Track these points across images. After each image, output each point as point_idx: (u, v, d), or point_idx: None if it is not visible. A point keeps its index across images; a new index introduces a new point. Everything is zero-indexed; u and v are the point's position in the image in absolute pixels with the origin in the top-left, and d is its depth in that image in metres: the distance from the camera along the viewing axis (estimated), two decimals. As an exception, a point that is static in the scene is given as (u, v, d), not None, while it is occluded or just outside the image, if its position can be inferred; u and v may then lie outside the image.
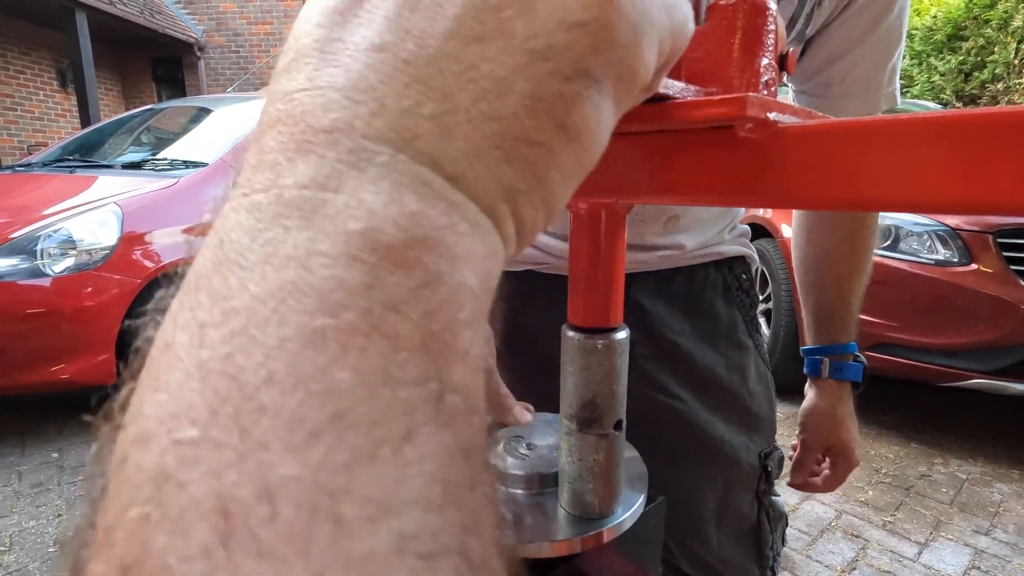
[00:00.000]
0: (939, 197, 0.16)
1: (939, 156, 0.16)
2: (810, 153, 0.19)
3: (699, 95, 0.22)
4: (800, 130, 0.19)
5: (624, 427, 0.33)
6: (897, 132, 0.17)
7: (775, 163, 0.20)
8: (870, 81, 0.58)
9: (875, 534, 1.61)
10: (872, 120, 0.18)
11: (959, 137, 0.16)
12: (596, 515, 0.32)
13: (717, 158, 0.21)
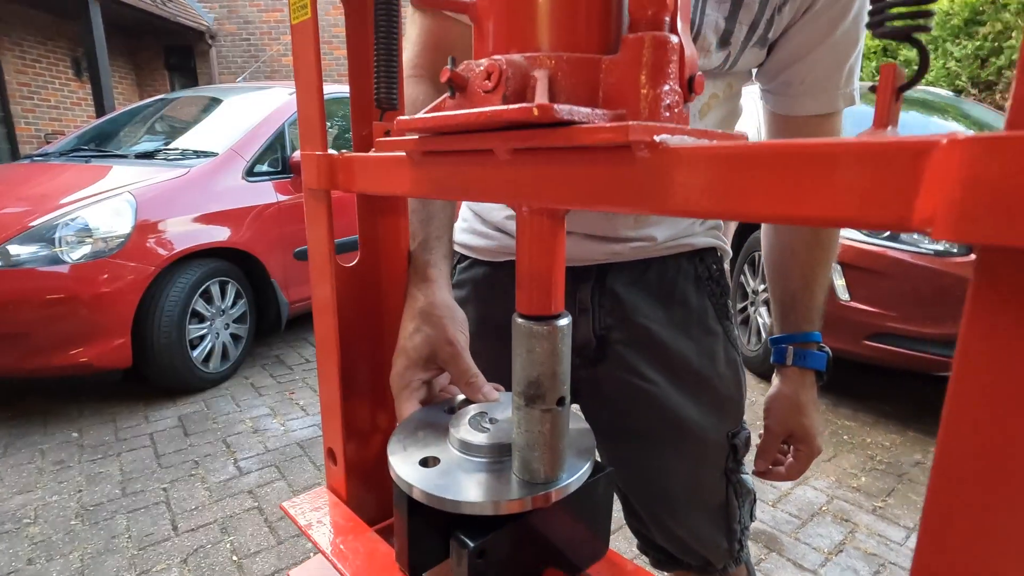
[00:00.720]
0: (772, 211, 0.20)
1: (769, 178, 0.20)
2: (687, 169, 0.23)
3: (604, 118, 0.26)
4: (680, 151, 0.23)
5: (567, 403, 0.37)
6: (745, 157, 0.21)
7: (661, 177, 0.24)
8: (828, 82, 0.61)
9: (865, 518, 1.64)
10: (731, 147, 0.21)
11: (781, 163, 0.20)
12: (542, 480, 0.37)
13: (617, 172, 0.25)
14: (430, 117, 0.29)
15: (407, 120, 0.31)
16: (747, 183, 0.21)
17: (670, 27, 0.27)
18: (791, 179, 0.19)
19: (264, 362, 2.80)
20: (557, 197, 0.27)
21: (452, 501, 0.35)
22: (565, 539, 0.41)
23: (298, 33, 0.45)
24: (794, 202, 0.20)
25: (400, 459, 0.40)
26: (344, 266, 0.52)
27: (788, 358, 0.73)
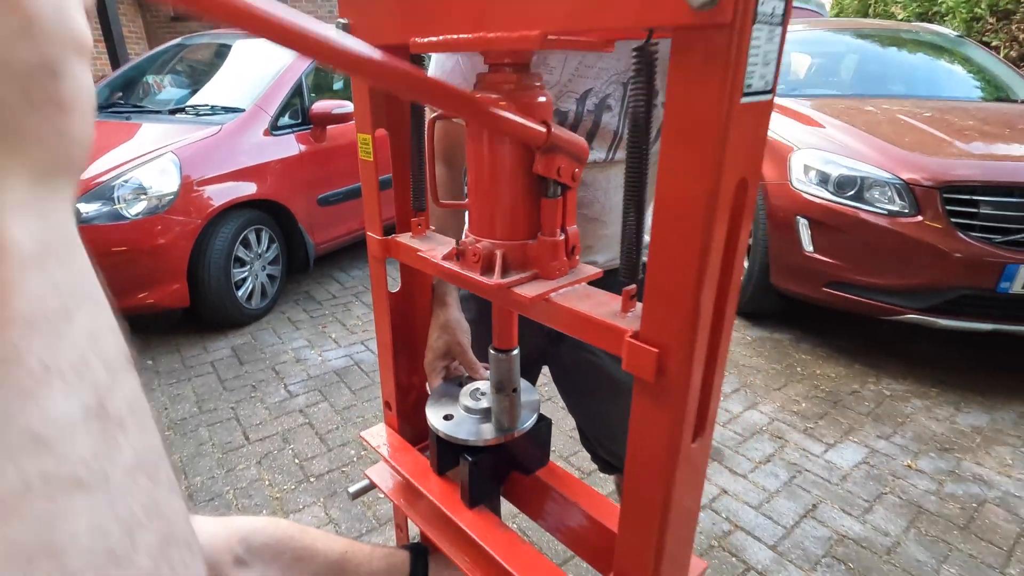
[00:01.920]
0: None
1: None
2: (547, 306, 0.53)
3: (525, 278, 0.56)
4: (549, 299, 0.54)
5: (519, 389, 0.69)
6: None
7: (539, 306, 0.54)
8: None
9: (795, 437, 2.03)
10: (564, 295, 0.52)
11: (584, 326, 0.51)
12: (507, 427, 0.70)
13: (522, 304, 0.55)
14: (443, 266, 0.59)
15: (428, 260, 0.61)
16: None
17: (563, 227, 0.56)
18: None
19: (296, 298, 3.17)
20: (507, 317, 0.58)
21: (461, 439, 0.69)
22: (522, 456, 0.75)
23: (365, 168, 0.73)
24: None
25: (433, 415, 0.73)
26: (392, 292, 0.83)
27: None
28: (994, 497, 1.75)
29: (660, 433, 0.47)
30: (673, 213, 0.40)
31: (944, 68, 3.56)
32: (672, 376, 0.44)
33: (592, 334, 0.51)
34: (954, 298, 2.20)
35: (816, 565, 1.49)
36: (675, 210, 0.40)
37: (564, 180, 0.54)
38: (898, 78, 3.46)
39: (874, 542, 1.57)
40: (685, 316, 0.42)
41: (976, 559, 1.52)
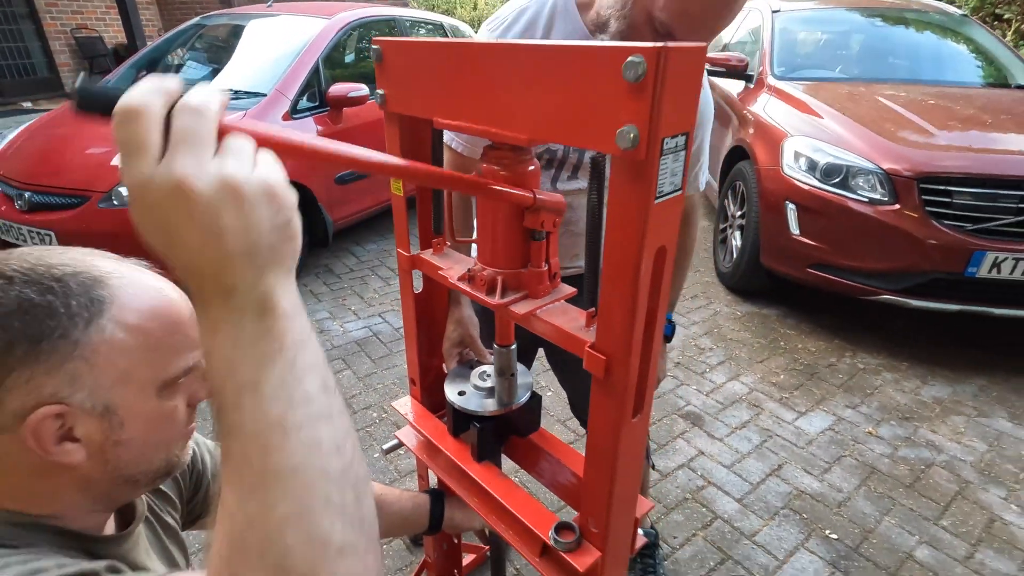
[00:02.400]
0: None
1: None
2: (538, 319, 0.74)
3: (519, 299, 0.76)
4: (535, 313, 0.74)
5: (516, 375, 0.91)
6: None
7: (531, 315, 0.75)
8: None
9: (771, 405, 2.26)
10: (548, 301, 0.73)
11: (559, 336, 0.71)
12: (507, 402, 0.92)
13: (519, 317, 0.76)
14: (458, 285, 0.80)
15: (446, 278, 0.82)
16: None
17: (547, 259, 0.76)
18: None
19: (316, 271, 3.39)
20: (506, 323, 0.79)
21: (471, 410, 0.91)
22: (518, 424, 0.97)
23: (396, 200, 0.93)
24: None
25: (449, 390, 0.95)
26: (416, 293, 1.04)
27: None
28: (941, 460, 1.97)
29: (609, 412, 0.68)
30: (616, 266, 0.60)
31: (946, 50, 3.61)
32: (616, 375, 0.65)
33: (565, 342, 0.72)
34: (926, 281, 2.38)
35: (775, 515, 1.73)
36: (617, 265, 0.60)
37: (547, 228, 0.74)
38: (901, 60, 3.53)
39: (828, 497, 1.80)
40: (623, 336, 0.62)
41: (915, 512, 1.75)
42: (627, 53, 0.50)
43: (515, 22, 0.96)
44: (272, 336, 0.36)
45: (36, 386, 0.46)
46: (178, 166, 0.32)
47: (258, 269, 0.35)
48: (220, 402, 0.36)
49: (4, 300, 0.45)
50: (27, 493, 0.50)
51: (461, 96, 0.70)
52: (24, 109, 6.57)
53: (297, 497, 0.34)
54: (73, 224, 2.51)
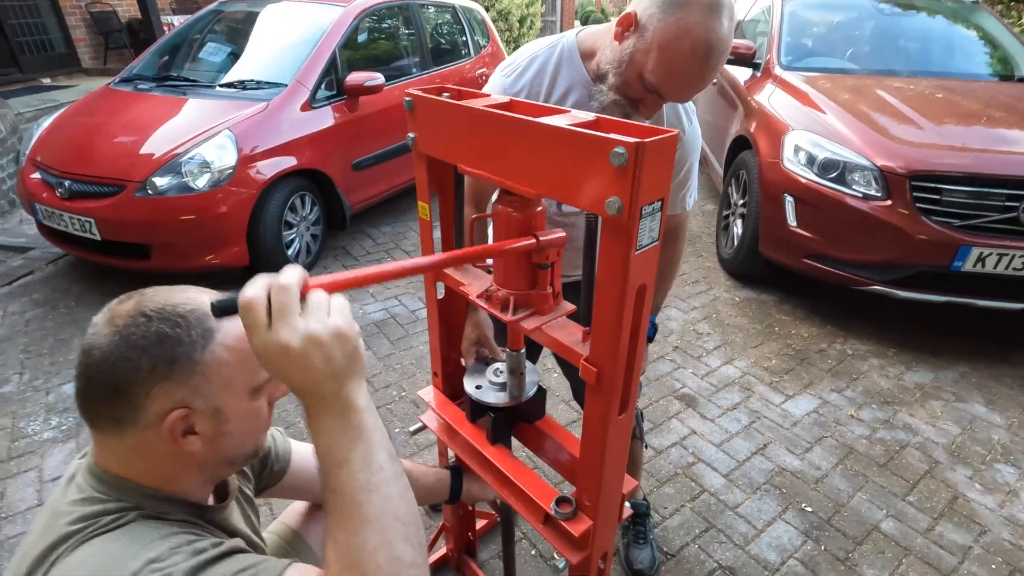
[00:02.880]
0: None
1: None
2: (543, 331, 0.90)
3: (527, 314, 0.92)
4: (540, 328, 0.90)
5: (526, 371, 1.07)
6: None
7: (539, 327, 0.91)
8: (675, 200, 1.22)
9: (761, 389, 2.42)
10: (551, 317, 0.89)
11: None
12: (517, 395, 1.08)
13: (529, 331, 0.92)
14: (477, 301, 0.95)
15: (468, 294, 0.97)
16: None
17: (551, 283, 0.92)
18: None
19: (335, 253, 3.56)
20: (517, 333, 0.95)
21: (486, 401, 1.08)
22: (526, 413, 1.14)
23: (423, 224, 1.08)
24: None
25: (468, 384, 1.12)
26: (439, 298, 1.20)
27: None
28: (916, 442, 2.14)
29: (600, 411, 0.85)
30: (605, 300, 0.76)
31: (957, 39, 3.63)
32: (605, 383, 0.82)
33: (565, 353, 0.88)
34: (913, 274, 2.50)
35: (757, 490, 1.91)
36: (606, 299, 0.76)
37: (551, 260, 0.89)
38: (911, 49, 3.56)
39: (806, 474, 1.98)
40: (611, 354, 0.78)
41: (885, 489, 1.93)
42: (613, 144, 0.65)
43: (527, 69, 1.10)
44: (353, 427, 0.55)
45: (170, 395, 0.63)
46: (279, 333, 0.51)
47: (339, 384, 0.54)
48: (325, 472, 0.55)
49: (147, 333, 0.62)
50: (163, 474, 0.68)
51: (480, 151, 0.85)
52: (43, 86, 6.69)
53: (381, 533, 0.54)
54: (111, 212, 2.68)
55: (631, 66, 0.95)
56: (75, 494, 0.65)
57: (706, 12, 0.88)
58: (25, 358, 2.53)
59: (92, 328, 0.64)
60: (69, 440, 2.08)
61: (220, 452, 0.70)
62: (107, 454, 0.66)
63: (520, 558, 1.66)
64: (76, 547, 0.59)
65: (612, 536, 1.05)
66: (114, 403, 0.62)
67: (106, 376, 0.62)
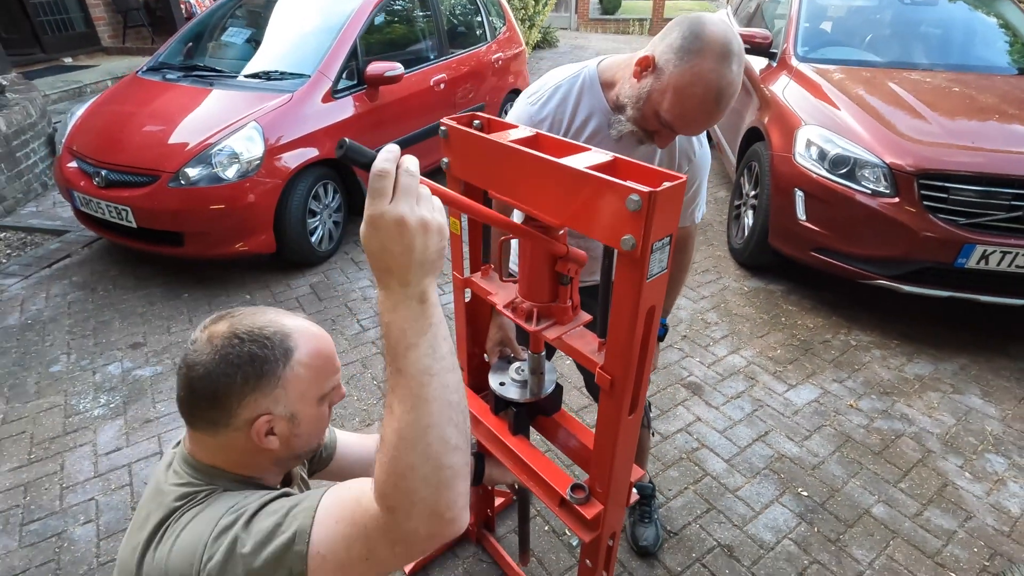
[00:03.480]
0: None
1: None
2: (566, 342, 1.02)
3: (548, 324, 1.04)
4: (561, 337, 1.02)
5: (544, 373, 1.19)
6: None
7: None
8: (683, 213, 1.32)
9: (765, 378, 2.53)
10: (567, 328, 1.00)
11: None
12: (537, 392, 1.21)
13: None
14: (503, 311, 1.07)
15: (495, 303, 1.09)
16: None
17: (571, 295, 1.03)
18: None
19: (355, 239, 3.68)
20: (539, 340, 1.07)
21: (509, 397, 1.20)
22: (545, 407, 1.27)
23: (453, 239, 1.19)
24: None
25: (492, 381, 1.24)
26: (467, 302, 1.32)
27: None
28: (911, 432, 2.25)
29: (612, 412, 0.97)
30: (619, 319, 0.87)
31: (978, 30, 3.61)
32: (618, 388, 0.93)
33: (582, 360, 1.00)
34: (918, 269, 2.57)
35: (756, 475, 2.04)
36: (620, 318, 0.87)
37: (571, 274, 1.00)
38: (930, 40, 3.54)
39: (804, 460, 2.10)
40: (623, 365, 0.90)
41: (878, 476, 2.04)
42: (629, 191, 0.75)
43: (551, 98, 1.19)
44: (426, 315, 0.61)
45: (258, 404, 0.76)
46: (401, 208, 0.57)
47: (424, 273, 0.60)
48: (393, 353, 0.62)
49: (241, 353, 0.75)
50: (246, 464, 0.81)
51: (508, 181, 0.96)
52: (66, 66, 6.79)
53: (434, 414, 0.61)
54: (146, 201, 2.82)
55: (648, 103, 1.04)
56: (175, 479, 0.79)
57: (718, 60, 0.97)
58: (71, 339, 2.70)
59: (192, 345, 0.76)
60: (117, 417, 2.25)
61: (292, 449, 0.82)
62: (200, 448, 0.80)
63: (535, 533, 1.81)
64: (182, 515, 0.74)
65: (620, 518, 1.18)
66: (212, 409, 0.75)
67: (207, 388, 0.74)
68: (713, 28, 0.97)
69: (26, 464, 2.04)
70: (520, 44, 5.29)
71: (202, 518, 0.72)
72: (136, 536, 0.76)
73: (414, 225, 0.57)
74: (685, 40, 0.98)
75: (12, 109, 4.11)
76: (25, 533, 1.79)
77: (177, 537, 0.71)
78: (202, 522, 0.71)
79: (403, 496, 0.60)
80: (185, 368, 0.76)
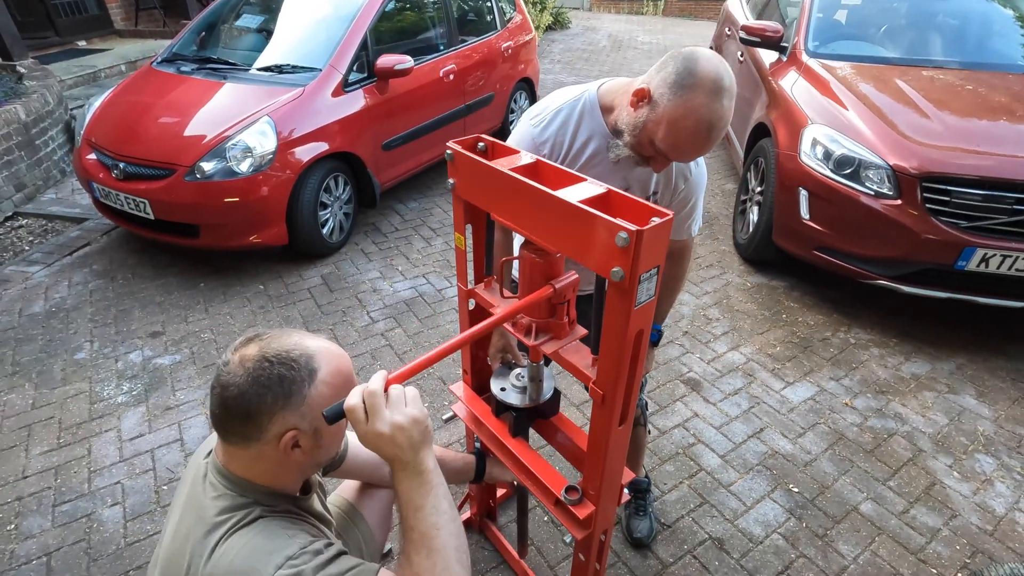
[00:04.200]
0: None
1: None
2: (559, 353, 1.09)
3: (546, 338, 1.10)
4: (557, 352, 1.08)
5: (543, 380, 1.27)
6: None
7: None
8: (680, 228, 1.38)
9: (763, 375, 2.59)
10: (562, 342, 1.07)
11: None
12: (536, 398, 1.28)
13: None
14: (506, 326, 1.14)
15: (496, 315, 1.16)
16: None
17: (567, 313, 1.10)
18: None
19: (365, 229, 3.76)
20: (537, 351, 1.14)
21: (509, 402, 1.28)
22: (543, 411, 1.34)
23: (459, 253, 1.26)
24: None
25: (494, 386, 1.32)
26: (470, 310, 1.39)
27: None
28: (903, 431, 2.31)
29: (604, 422, 1.04)
30: (610, 340, 0.94)
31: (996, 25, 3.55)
32: (608, 402, 1.01)
33: (577, 375, 1.07)
34: (919, 270, 2.60)
35: (749, 470, 2.12)
36: (611, 340, 0.93)
37: (567, 297, 1.07)
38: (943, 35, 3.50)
39: (797, 457, 2.18)
40: (613, 381, 0.97)
41: (869, 474, 2.11)
42: (619, 228, 0.82)
43: (552, 121, 1.24)
44: (426, 482, 0.79)
45: (285, 420, 0.84)
46: (375, 425, 0.76)
47: (416, 452, 0.78)
48: (404, 515, 0.79)
49: (271, 375, 0.82)
50: (273, 474, 0.89)
51: (509, 207, 1.02)
52: (80, 49, 6.85)
53: (445, 559, 0.77)
54: (164, 194, 2.90)
55: (644, 132, 1.10)
56: (212, 491, 0.88)
57: (710, 95, 1.01)
58: (93, 327, 2.81)
59: (225, 367, 0.84)
60: (140, 405, 2.37)
61: (314, 459, 0.91)
62: (233, 460, 0.88)
63: (534, 523, 1.91)
64: (227, 538, 0.81)
65: (612, 517, 1.26)
66: (245, 426, 0.83)
67: (241, 407, 0.82)
68: (706, 64, 1.02)
69: (56, 448, 2.16)
70: (531, 31, 5.27)
71: (254, 546, 0.80)
72: (181, 545, 0.84)
73: (391, 432, 0.77)
74: (679, 75, 1.03)
75: (31, 97, 4.19)
76: (57, 514, 1.91)
77: (231, 560, 0.79)
78: (257, 553, 0.79)
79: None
80: (219, 388, 0.83)
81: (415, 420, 0.78)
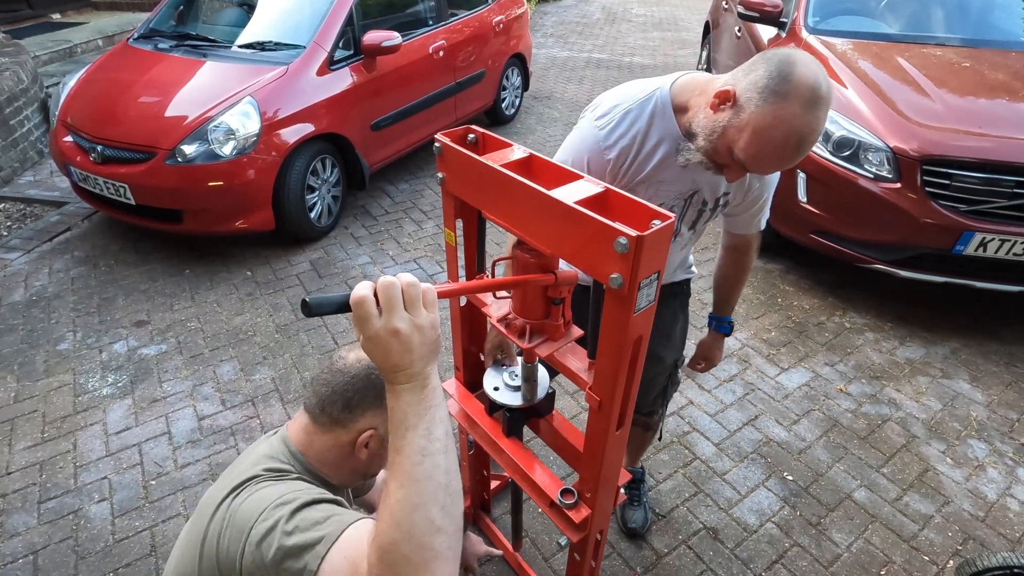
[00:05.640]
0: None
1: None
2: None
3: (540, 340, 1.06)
4: (548, 355, 1.04)
5: (538, 379, 1.23)
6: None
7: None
8: (750, 223, 1.38)
9: (758, 361, 2.58)
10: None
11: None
12: (529, 398, 1.25)
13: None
14: (498, 326, 1.10)
15: (491, 316, 1.11)
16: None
17: (563, 313, 1.05)
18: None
19: (355, 212, 3.67)
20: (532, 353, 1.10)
21: (503, 402, 1.24)
22: (537, 411, 1.31)
23: (449, 250, 1.20)
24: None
25: (487, 385, 1.28)
26: (461, 306, 1.34)
27: (714, 324, 1.57)
28: (897, 417, 2.31)
29: (601, 428, 1.01)
30: (608, 347, 0.90)
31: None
32: (605, 408, 0.97)
33: (573, 379, 1.03)
34: (917, 255, 2.58)
35: (744, 459, 2.11)
36: (609, 346, 0.89)
37: (563, 296, 1.02)
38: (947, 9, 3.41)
39: (791, 445, 2.17)
40: (610, 388, 0.93)
41: (862, 461, 2.11)
42: (618, 233, 0.77)
43: (620, 123, 1.14)
44: (427, 399, 0.66)
45: (371, 419, 0.96)
46: (393, 321, 0.61)
47: (424, 363, 0.65)
48: (394, 433, 0.67)
49: (375, 381, 0.95)
50: (331, 463, 0.97)
51: (501, 205, 0.96)
52: (53, 22, 6.60)
53: (423, 493, 0.65)
54: (144, 178, 2.80)
55: (723, 138, 1.01)
56: (267, 452, 0.96)
57: (805, 106, 0.92)
58: (76, 316, 2.74)
59: (342, 360, 0.99)
60: (126, 397, 2.32)
61: (369, 467, 1.00)
62: (303, 434, 0.97)
63: (528, 514, 1.89)
64: (261, 482, 0.88)
65: (608, 518, 1.24)
66: (343, 411, 0.95)
67: (348, 394, 0.95)
68: (803, 70, 0.92)
69: (40, 443, 2.12)
70: (523, 4, 5.12)
71: (272, 489, 0.86)
72: (226, 482, 0.92)
73: (408, 331, 0.62)
74: (772, 80, 0.93)
75: (3, 75, 4.03)
76: (43, 511, 1.88)
77: (249, 496, 0.85)
78: (271, 492, 0.85)
79: (386, 568, 0.64)
80: (336, 373, 0.97)
81: (433, 324, 0.65)
